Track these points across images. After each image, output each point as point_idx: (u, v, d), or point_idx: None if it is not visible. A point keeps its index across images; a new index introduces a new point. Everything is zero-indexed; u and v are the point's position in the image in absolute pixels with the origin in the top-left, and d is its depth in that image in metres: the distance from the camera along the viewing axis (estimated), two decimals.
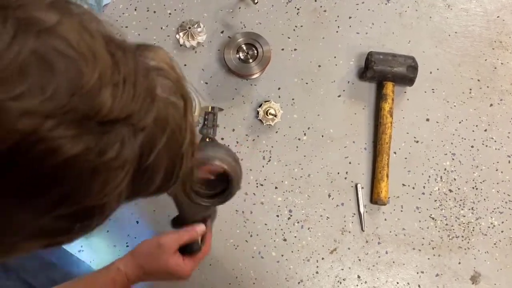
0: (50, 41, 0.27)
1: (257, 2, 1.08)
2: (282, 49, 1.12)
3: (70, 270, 0.90)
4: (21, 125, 0.25)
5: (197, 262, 0.75)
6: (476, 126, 1.09)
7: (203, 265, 1.00)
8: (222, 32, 1.13)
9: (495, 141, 1.09)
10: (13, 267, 0.78)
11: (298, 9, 1.15)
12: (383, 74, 1.06)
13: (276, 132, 1.08)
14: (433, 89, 1.11)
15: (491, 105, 1.11)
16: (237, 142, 1.07)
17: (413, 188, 1.05)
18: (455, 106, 1.10)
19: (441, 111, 1.10)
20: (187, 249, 0.74)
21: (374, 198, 1.02)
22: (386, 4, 1.17)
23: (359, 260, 1.01)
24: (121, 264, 0.71)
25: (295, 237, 1.02)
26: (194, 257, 0.74)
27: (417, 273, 1.01)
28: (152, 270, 0.71)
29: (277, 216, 1.03)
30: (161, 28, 1.13)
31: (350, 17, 1.15)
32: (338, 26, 1.15)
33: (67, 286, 0.69)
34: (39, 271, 0.82)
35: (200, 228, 0.75)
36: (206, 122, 1.06)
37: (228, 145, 1.06)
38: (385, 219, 1.03)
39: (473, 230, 1.03)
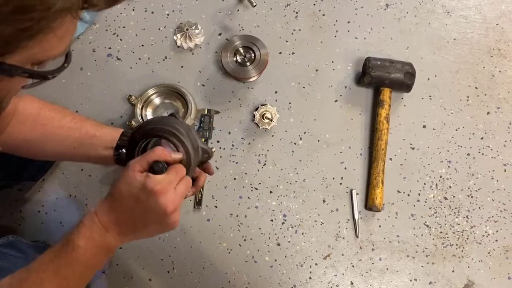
0: None
1: (255, 5, 1.07)
2: (280, 53, 1.12)
3: None
4: None
5: (173, 175, 0.66)
6: (473, 134, 1.09)
7: (196, 269, 0.99)
8: (220, 34, 1.13)
9: (492, 150, 1.08)
10: None
11: (296, 12, 1.15)
12: (381, 80, 1.05)
13: (272, 136, 1.07)
14: (430, 96, 1.11)
15: (488, 113, 1.10)
16: (233, 145, 1.06)
17: (408, 195, 1.05)
18: (452, 113, 1.10)
19: (438, 118, 1.10)
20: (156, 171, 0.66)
21: (369, 205, 1.02)
22: (385, 9, 1.16)
23: (353, 266, 1.01)
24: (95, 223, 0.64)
25: (289, 242, 1.02)
26: (167, 172, 0.66)
27: (411, 280, 1.01)
28: (122, 200, 0.64)
29: (271, 220, 1.03)
30: (159, 29, 1.12)
31: (348, 22, 1.15)
32: (337, 31, 1.14)
33: (52, 261, 0.62)
34: None
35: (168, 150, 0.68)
36: (202, 125, 1.06)
37: (224, 148, 1.06)
38: (380, 226, 1.03)
39: (467, 239, 1.03)
